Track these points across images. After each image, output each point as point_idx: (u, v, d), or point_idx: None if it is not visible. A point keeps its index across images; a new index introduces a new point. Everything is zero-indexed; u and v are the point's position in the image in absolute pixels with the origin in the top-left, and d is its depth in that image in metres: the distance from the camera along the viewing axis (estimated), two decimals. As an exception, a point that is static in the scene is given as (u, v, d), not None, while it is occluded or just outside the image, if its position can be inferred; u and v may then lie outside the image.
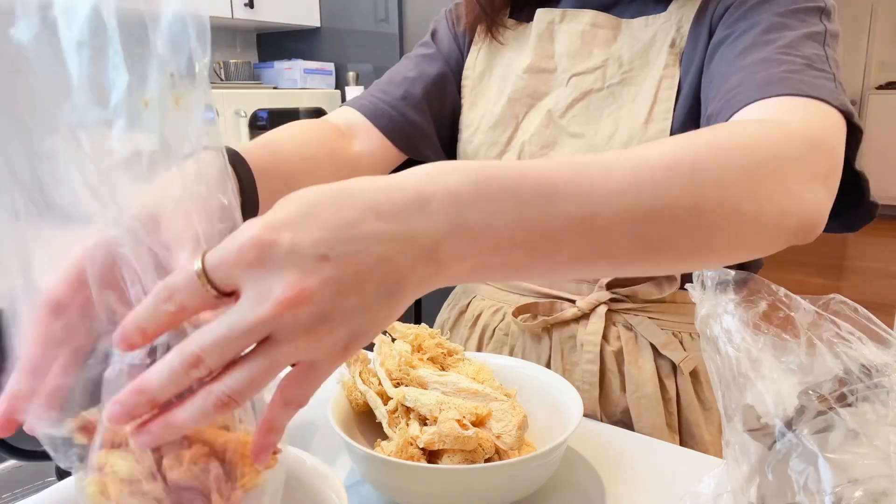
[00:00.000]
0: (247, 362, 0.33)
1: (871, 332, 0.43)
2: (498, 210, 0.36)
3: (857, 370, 0.41)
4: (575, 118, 0.77)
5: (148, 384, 0.32)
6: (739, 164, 0.44)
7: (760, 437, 0.42)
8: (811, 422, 0.41)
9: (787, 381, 0.42)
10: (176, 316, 0.33)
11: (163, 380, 0.32)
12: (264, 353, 0.33)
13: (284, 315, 0.32)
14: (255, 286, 0.32)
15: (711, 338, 0.46)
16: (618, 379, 0.78)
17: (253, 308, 0.32)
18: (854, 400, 0.41)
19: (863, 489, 0.38)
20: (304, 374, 0.35)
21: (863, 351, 0.42)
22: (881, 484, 0.38)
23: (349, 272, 0.33)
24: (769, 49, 0.62)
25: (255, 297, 0.32)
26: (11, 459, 0.79)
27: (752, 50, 0.63)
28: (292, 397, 0.35)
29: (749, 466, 0.42)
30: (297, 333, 0.32)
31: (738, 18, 0.67)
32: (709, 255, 0.45)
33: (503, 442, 0.57)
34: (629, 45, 0.76)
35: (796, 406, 0.41)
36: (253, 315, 0.32)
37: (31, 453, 0.55)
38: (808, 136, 0.50)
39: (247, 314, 0.32)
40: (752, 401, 0.42)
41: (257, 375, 0.33)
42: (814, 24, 0.64)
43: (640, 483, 0.62)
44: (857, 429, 0.40)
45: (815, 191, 0.49)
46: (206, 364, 0.32)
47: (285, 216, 0.33)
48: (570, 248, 0.39)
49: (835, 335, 0.43)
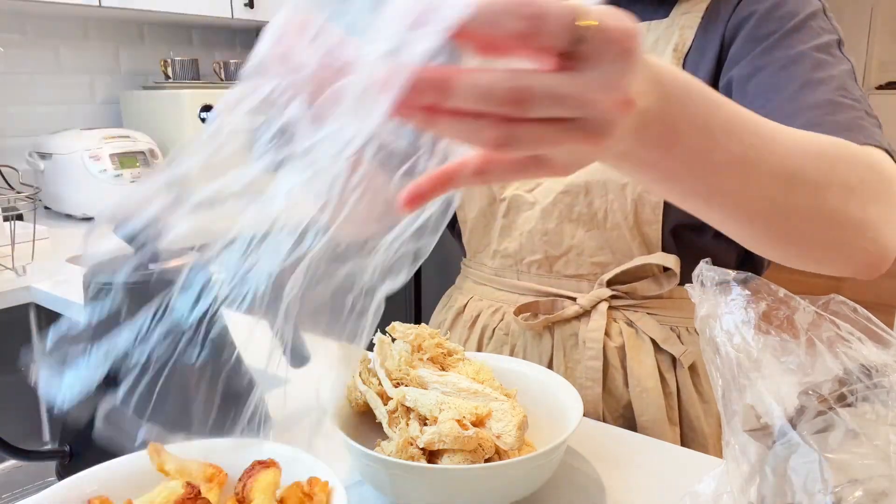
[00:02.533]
0: (544, 125, 0.33)
1: (871, 333, 0.43)
2: (696, 112, 0.43)
3: (857, 370, 0.41)
4: None
5: (458, 80, 0.31)
6: (866, 176, 0.54)
7: (760, 437, 0.42)
8: (811, 422, 0.41)
9: (787, 381, 0.42)
10: (523, 38, 0.31)
11: (476, 86, 0.31)
12: (564, 128, 0.33)
13: (614, 111, 0.34)
14: (614, 71, 0.33)
15: (711, 338, 0.46)
16: (621, 374, 0.78)
17: (598, 88, 0.33)
18: (854, 400, 0.41)
19: (863, 489, 0.38)
20: (534, 164, 0.36)
21: (862, 351, 0.42)
22: (881, 484, 0.38)
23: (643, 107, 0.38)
24: (827, 90, 0.64)
25: (606, 80, 0.33)
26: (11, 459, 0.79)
27: (809, 90, 0.65)
28: (494, 174, 0.35)
29: (749, 466, 0.42)
30: (604, 132, 0.34)
31: (768, 49, 0.68)
32: (810, 243, 0.54)
33: (503, 442, 0.57)
34: None
35: (796, 406, 0.41)
36: (594, 94, 0.33)
37: (32, 453, 0.55)
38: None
39: (589, 87, 0.32)
40: (751, 401, 0.42)
41: (546, 139, 0.33)
42: (842, 59, 0.68)
43: (640, 483, 0.62)
44: (857, 429, 0.40)
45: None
46: (526, 106, 0.31)
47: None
48: (718, 183, 0.46)
49: (835, 335, 0.43)
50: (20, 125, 2.07)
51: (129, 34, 2.31)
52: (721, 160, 0.45)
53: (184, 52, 2.43)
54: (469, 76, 0.31)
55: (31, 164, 1.90)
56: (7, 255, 1.36)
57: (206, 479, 0.48)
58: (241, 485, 0.47)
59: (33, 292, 1.30)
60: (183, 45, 2.46)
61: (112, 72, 2.28)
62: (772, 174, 0.48)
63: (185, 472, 0.47)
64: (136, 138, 1.94)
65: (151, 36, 2.37)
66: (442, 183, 0.35)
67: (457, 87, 0.31)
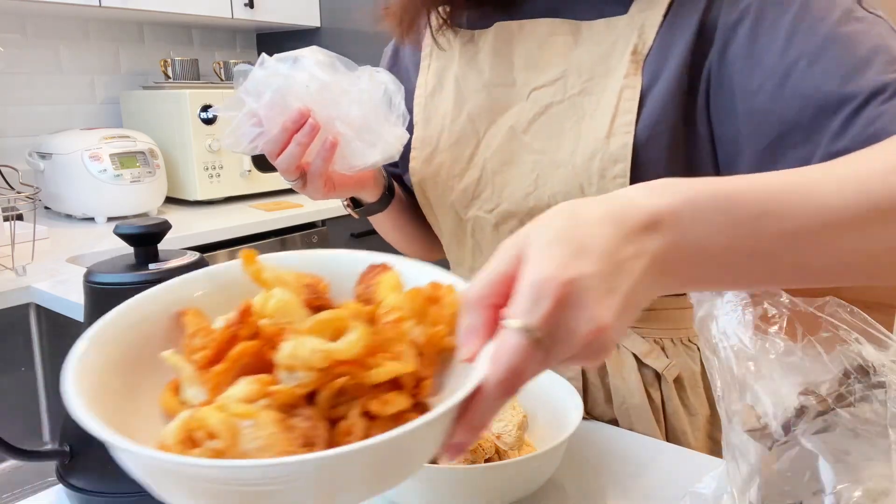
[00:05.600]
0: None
1: (868, 334, 0.43)
2: (713, 232, 0.39)
3: (856, 370, 0.41)
4: (538, 134, 0.73)
5: (482, 420, 0.36)
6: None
7: (760, 437, 0.42)
8: (811, 422, 0.41)
9: (786, 381, 0.42)
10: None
11: (492, 410, 0.36)
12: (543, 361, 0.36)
13: (588, 345, 0.36)
14: (561, 328, 0.35)
15: (710, 339, 0.46)
16: (601, 392, 0.77)
17: (564, 349, 0.36)
18: (853, 400, 0.41)
19: (863, 489, 0.38)
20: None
21: (861, 352, 0.42)
22: (881, 484, 0.38)
23: (624, 299, 0.36)
24: (874, 70, 0.56)
25: (564, 337, 0.35)
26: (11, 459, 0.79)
27: (853, 81, 0.56)
28: (515, 389, 0.36)
29: (749, 466, 0.42)
30: (599, 357, 0.37)
31: (785, 46, 0.60)
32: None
33: (503, 442, 0.57)
34: (589, 50, 0.70)
35: (796, 406, 0.41)
36: (564, 355, 0.36)
37: (32, 453, 0.55)
38: None
39: (560, 354, 0.36)
40: (751, 401, 0.43)
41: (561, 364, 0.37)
42: (872, 18, 0.59)
43: (640, 483, 0.62)
44: (856, 429, 0.40)
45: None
46: (524, 382, 0.35)
47: (561, 255, 0.35)
48: (779, 263, 0.41)
49: (833, 336, 0.43)
50: (20, 125, 2.08)
51: (129, 34, 2.31)
52: (767, 246, 0.40)
53: (184, 52, 2.43)
54: (483, 412, 0.35)
55: (31, 164, 1.90)
56: (7, 255, 1.36)
57: (304, 288, 0.45)
58: (363, 286, 0.44)
59: (33, 292, 1.30)
60: (183, 45, 2.46)
61: (112, 72, 2.28)
62: (841, 226, 0.41)
63: (282, 282, 0.43)
64: (135, 138, 1.94)
65: (151, 36, 2.37)
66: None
67: (483, 423, 0.36)
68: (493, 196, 0.75)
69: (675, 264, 0.38)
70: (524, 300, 0.35)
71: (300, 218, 2.04)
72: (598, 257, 0.36)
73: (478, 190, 0.76)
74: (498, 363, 0.35)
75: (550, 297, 0.34)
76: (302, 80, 0.68)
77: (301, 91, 0.68)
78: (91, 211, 1.88)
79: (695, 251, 0.39)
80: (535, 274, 0.35)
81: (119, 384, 0.40)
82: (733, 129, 0.64)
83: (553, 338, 0.35)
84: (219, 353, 0.39)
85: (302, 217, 2.04)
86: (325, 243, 2.12)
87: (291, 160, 0.71)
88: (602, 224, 0.37)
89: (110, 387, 0.39)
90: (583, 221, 0.37)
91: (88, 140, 1.86)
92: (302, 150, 0.70)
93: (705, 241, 0.39)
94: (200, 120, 2.01)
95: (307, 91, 0.68)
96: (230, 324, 0.40)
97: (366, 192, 0.83)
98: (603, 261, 0.36)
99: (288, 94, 0.68)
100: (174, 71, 2.23)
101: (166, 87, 2.18)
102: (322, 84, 0.69)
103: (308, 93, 0.68)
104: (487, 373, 0.35)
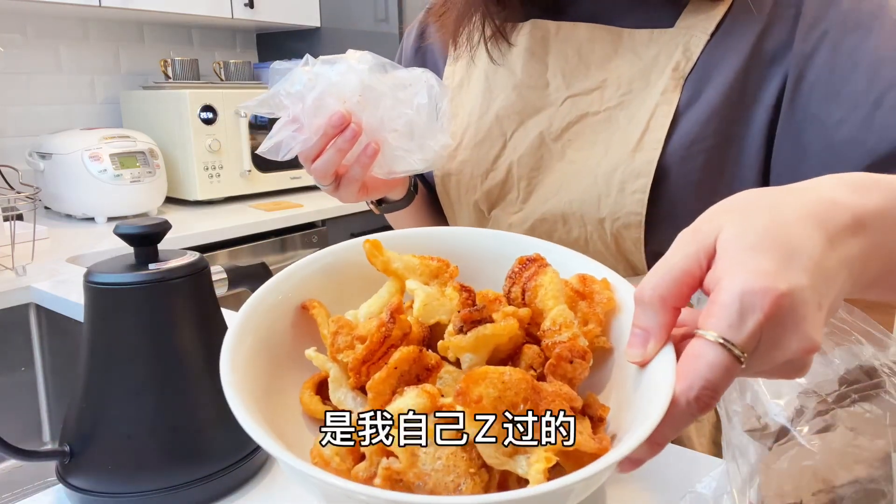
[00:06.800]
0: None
1: (868, 335, 0.43)
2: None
3: (857, 371, 0.41)
4: (570, 143, 0.71)
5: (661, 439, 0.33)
6: None
7: (760, 437, 0.42)
8: (811, 422, 0.41)
9: (786, 381, 0.42)
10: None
11: (674, 432, 0.33)
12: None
13: (789, 362, 0.33)
14: (767, 344, 0.32)
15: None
16: None
17: (763, 365, 0.33)
18: (853, 400, 0.41)
19: (862, 489, 0.38)
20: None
21: (861, 352, 0.42)
22: (881, 484, 0.38)
23: (828, 312, 0.34)
24: None
25: (769, 354, 0.32)
26: (11, 459, 0.79)
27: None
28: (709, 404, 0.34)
29: (749, 466, 0.42)
30: (797, 373, 0.35)
31: (876, 64, 0.58)
32: None
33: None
34: (630, 61, 0.69)
35: (796, 406, 0.41)
36: (760, 369, 0.33)
37: (31, 453, 0.55)
38: None
39: (758, 368, 0.33)
40: (751, 401, 0.43)
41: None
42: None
43: (640, 483, 0.62)
44: (856, 429, 0.40)
45: None
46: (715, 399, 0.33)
47: (769, 262, 0.32)
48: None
49: (833, 336, 0.43)
50: (20, 125, 2.08)
51: (129, 34, 2.32)
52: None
53: (184, 52, 2.43)
54: (670, 431, 0.33)
55: (31, 164, 1.90)
56: (7, 255, 1.36)
57: (433, 274, 0.43)
58: (520, 289, 0.42)
59: (33, 292, 1.30)
60: (183, 45, 2.46)
61: (112, 72, 2.29)
62: None
63: (411, 270, 0.42)
64: (135, 138, 1.94)
65: (151, 36, 2.37)
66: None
67: (667, 440, 0.34)
68: (519, 200, 0.74)
69: (867, 266, 0.36)
70: (728, 312, 0.31)
71: (300, 218, 2.04)
72: (809, 267, 0.32)
73: (503, 192, 0.75)
74: (694, 378, 0.32)
75: (761, 311, 0.31)
76: (350, 85, 0.64)
77: (347, 94, 0.64)
78: (91, 211, 1.88)
79: (888, 254, 0.36)
80: (743, 283, 0.31)
81: (265, 381, 0.39)
82: (796, 159, 0.62)
83: (756, 354, 0.32)
84: (370, 353, 0.38)
85: (302, 217, 2.04)
86: (325, 243, 2.12)
87: (329, 166, 0.66)
88: (806, 225, 0.33)
89: (259, 384, 0.38)
90: (785, 221, 0.34)
91: (88, 140, 1.86)
92: (341, 156, 0.66)
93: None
94: (200, 120, 2.01)
95: (353, 95, 0.64)
96: (381, 324, 0.38)
97: (394, 192, 0.81)
98: (814, 271, 0.32)
99: (333, 98, 0.64)
100: (174, 71, 2.23)
101: (166, 87, 2.18)
102: (368, 88, 0.65)
103: (354, 96, 0.64)
104: (679, 388, 0.32)
